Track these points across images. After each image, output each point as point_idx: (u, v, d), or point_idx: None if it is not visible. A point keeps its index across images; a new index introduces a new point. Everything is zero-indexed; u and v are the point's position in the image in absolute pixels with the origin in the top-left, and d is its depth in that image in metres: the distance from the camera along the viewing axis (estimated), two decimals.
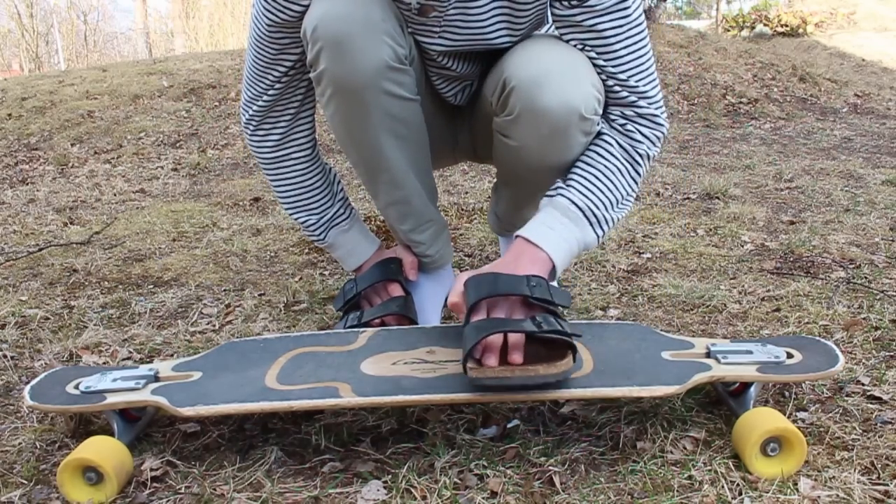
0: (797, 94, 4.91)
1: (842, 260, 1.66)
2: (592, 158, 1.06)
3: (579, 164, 1.07)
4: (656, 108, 1.07)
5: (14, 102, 4.47)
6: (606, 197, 1.05)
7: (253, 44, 1.15)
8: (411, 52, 1.10)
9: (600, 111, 1.05)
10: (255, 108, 1.20)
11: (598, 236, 1.06)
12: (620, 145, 1.06)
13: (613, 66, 1.04)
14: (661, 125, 1.08)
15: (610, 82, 1.05)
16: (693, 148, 3.49)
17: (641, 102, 1.05)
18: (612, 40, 1.02)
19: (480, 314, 0.93)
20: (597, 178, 1.05)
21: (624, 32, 1.02)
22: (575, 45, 1.05)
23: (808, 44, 8.51)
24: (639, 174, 1.07)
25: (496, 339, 0.89)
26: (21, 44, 17.99)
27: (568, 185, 1.05)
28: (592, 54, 1.04)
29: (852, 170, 2.74)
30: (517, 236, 1.02)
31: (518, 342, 0.90)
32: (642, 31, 1.04)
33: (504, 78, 1.05)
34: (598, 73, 1.04)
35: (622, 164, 1.06)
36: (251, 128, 1.23)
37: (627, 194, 1.07)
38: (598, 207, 1.04)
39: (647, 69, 1.05)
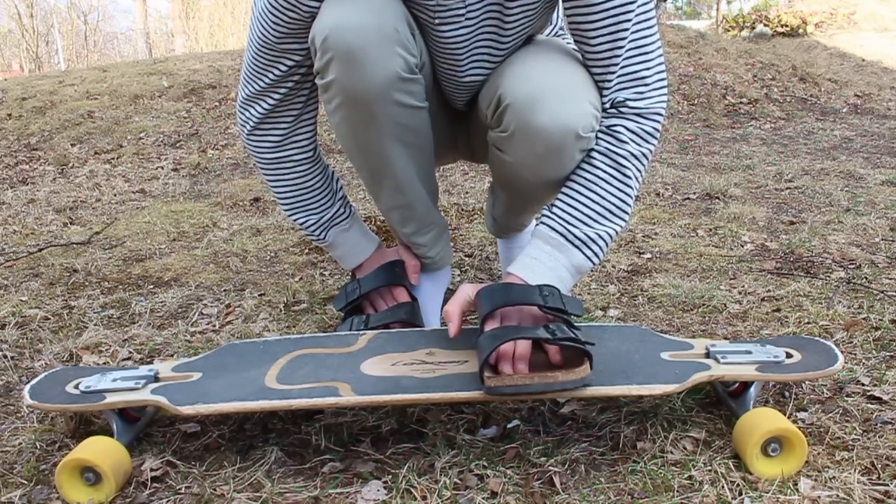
0: (797, 94, 4.91)
1: (842, 260, 1.66)
2: (575, 173, 1.03)
3: (565, 182, 1.04)
4: (651, 97, 1.01)
5: (14, 102, 4.47)
6: (588, 214, 1.01)
7: (253, 42, 1.12)
8: (422, 58, 1.08)
9: (598, 127, 1.01)
10: (254, 110, 1.18)
11: (587, 257, 1.02)
12: (603, 153, 1.01)
13: (614, 49, 0.98)
14: (655, 118, 1.01)
15: (606, 74, 1.01)
16: (693, 148, 3.49)
17: (631, 93, 1.00)
18: (620, 18, 0.97)
19: (494, 323, 0.93)
20: (578, 195, 1.02)
21: (632, 10, 0.97)
22: (580, 25, 1.00)
23: (808, 44, 8.51)
24: (628, 177, 1.01)
25: (510, 346, 0.89)
26: (21, 44, 18.01)
27: (551, 209, 1.03)
28: (596, 32, 0.98)
29: (852, 170, 2.73)
30: (508, 273, 1.01)
31: (524, 352, 0.90)
32: (645, 11, 0.99)
33: (499, 94, 1.03)
34: (594, 66, 1.01)
35: (606, 172, 1.01)
36: (248, 127, 1.20)
37: (621, 201, 1.02)
38: (579, 227, 1.01)
39: (646, 51, 0.99)
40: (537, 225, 1.04)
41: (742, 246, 1.81)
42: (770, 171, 2.78)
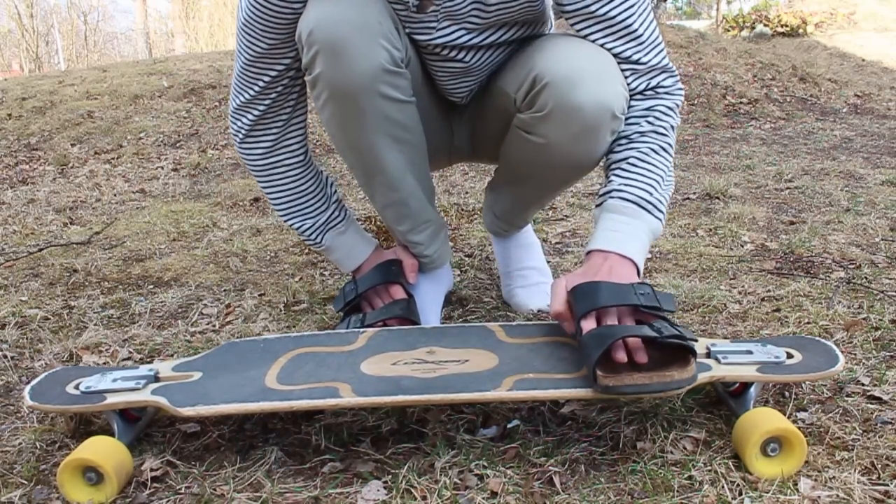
0: (797, 94, 4.91)
1: (842, 260, 1.66)
2: (627, 150, 1.07)
3: (614, 162, 1.08)
4: (673, 79, 1.08)
5: (14, 102, 4.47)
6: (649, 181, 1.05)
7: (243, 52, 1.13)
8: (407, 54, 1.10)
9: (627, 111, 1.07)
10: (245, 119, 1.19)
11: (659, 220, 1.05)
12: (650, 128, 1.06)
13: (634, 49, 1.05)
14: (679, 93, 1.09)
15: (634, 67, 1.06)
16: (693, 148, 3.49)
17: (661, 79, 1.07)
18: (629, 21, 1.04)
19: (591, 322, 0.93)
20: (636, 168, 1.05)
21: (635, 12, 1.04)
22: (592, 36, 1.06)
23: (808, 44, 8.51)
24: (671, 146, 1.07)
25: (619, 345, 0.90)
26: (21, 44, 18.03)
27: (609, 186, 1.06)
28: (612, 41, 1.05)
29: (852, 170, 2.73)
30: (590, 252, 1.02)
31: (639, 344, 0.90)
32: (647, 5, 1.06)
33: (535, 74, 1.06)
34: (622, 59, 1.06)
35: (654, 143, 1.06)
36: (240, 136, 1.21)
37: (668, 170, 1.07)
38: (647, 192, 1.04)
39: (659, 42, 1.07)
40: (600, 203, 1.06)
41: (742, 246, 1.81)
42: (770, 171, 2.78)
